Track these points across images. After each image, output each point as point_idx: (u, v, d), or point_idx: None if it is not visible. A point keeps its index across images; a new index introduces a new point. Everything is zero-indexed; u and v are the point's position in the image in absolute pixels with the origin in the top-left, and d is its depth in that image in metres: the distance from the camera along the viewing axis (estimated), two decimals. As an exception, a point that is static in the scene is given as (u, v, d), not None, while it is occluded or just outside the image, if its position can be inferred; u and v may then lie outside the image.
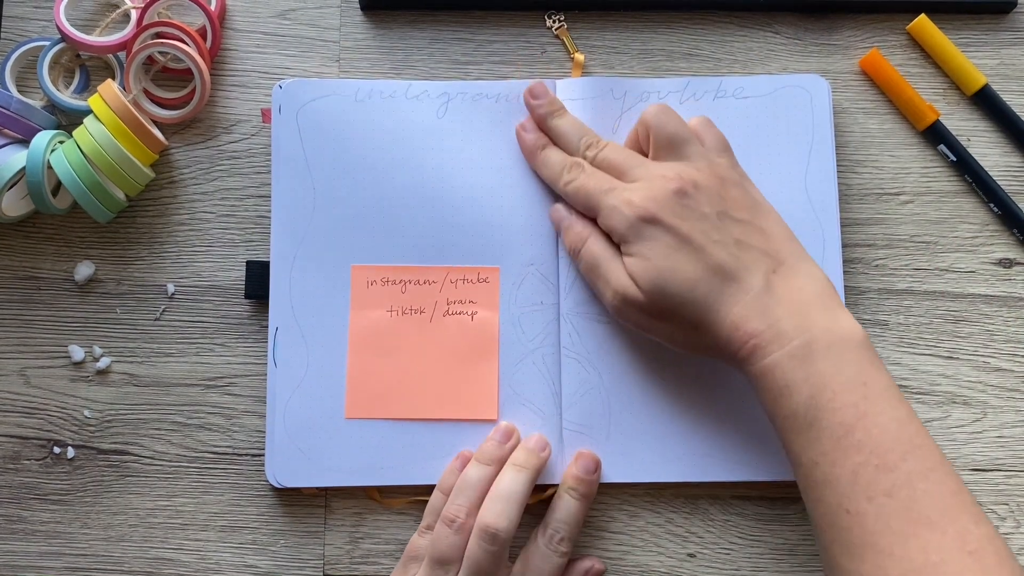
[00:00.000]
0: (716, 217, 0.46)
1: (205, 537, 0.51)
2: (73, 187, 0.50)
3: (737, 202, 0.47)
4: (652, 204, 0.45)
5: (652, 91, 0.53)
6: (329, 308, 0.51)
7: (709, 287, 0.44)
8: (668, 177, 0.46)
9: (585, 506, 0.48)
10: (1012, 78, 0.55)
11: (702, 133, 0.49)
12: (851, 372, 0.42)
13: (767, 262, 0.45)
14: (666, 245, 0.45)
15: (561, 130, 0.51)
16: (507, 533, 0.45)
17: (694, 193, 0.46)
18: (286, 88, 0.53)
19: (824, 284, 0.45)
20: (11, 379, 0.53)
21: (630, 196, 0.46)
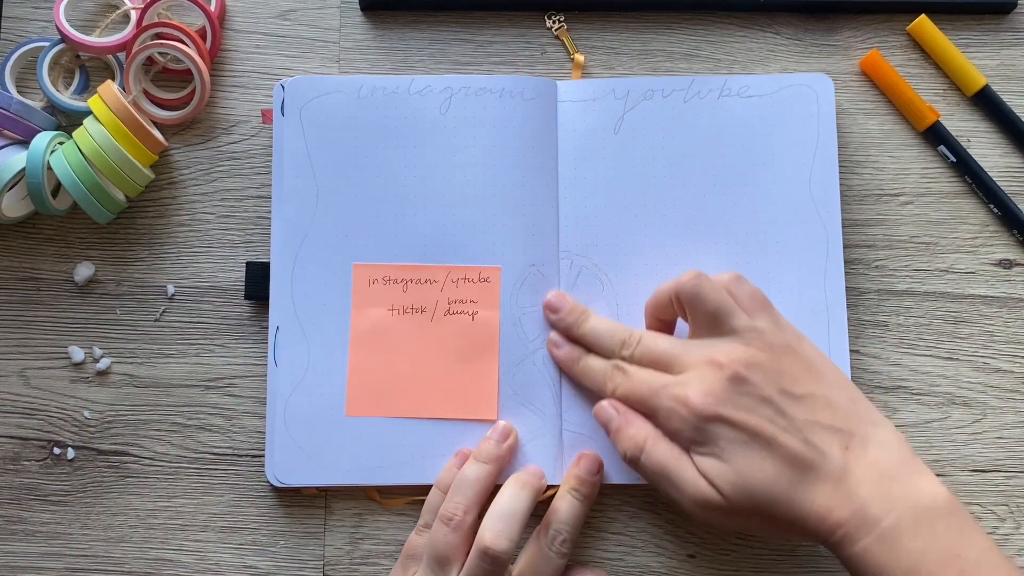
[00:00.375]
0: (778, 398, 0.43)
1: (205, 538, 0.51)
2: (73, 188, 0.50)
3: (794, 374, 0.44)
4: (711, 400, 0.43)
5: (656, 89, 0.53)
6: (330, 306, 0.51)
7: (788, 481, 0.43)
8: (719, 363, 0.44)
9: (587, 507, 0.48)
10: (1012, 79, 0.55)
11: (736, 293, 0.46)
12: (942, 546, 0.41)
13: (839, 439, 0.43)
14: (735, 442, 0.43)
15: (592, 336, 0.49)
16: (507, 554, 0.45)
17: (750, 376, 0.44)
18: (289, 86, 0.53)
19: (898, 447, 0.44)
20: (11, 380, 0.53)
21: (685, 394, 0.44)
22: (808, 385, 0.44)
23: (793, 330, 0.46)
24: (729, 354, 0.44)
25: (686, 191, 0.52)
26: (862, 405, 0.45)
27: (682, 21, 0.56)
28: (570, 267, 0.52)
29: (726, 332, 0.45)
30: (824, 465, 0.43)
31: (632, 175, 0.52)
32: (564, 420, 0.51)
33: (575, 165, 0.53)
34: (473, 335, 0.51)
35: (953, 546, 0.41)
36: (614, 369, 0.48)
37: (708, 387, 0.44)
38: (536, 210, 0.52)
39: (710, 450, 0.44)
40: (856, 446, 0.43)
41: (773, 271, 0.52)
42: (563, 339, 0.51)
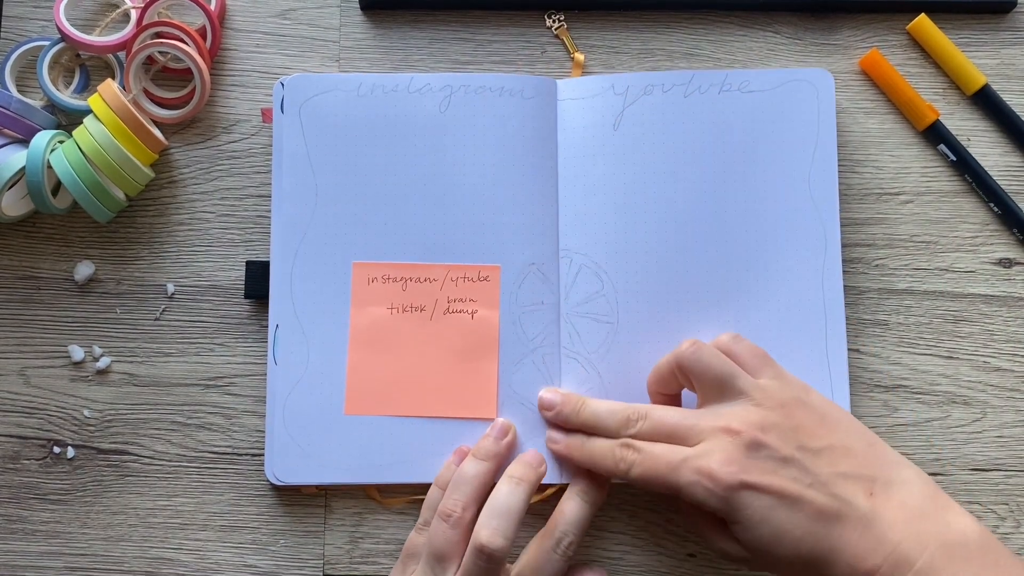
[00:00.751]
0: (799, 456, 0.43)
1: (205, 537, 0.51)
2: (73, 187, 0.50)
3: (809, 429, 0.44)
4: (733, 469, 0.43)
5: (656, 84, 0.53)
6: (330, 305, 0.51)
7: (816, 538, 0.42)
8: (735, 431, 0.44)
9: (594, 511, 0.48)
10: (1012, 78, 0.55)
11: (737, 353, 0.47)
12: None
13: (863, 486, 0.43)
14: (763, 508, 0.43)
15: (593, 420, 0.48)
16: (503, 551, 0.45)
17: (767, 440, 0.43)
18: (288, 84, 0.53)
19: (922, 485, 0.44)
20: (11, 379, 0.53)
21: (707, 466, 0.43)
22: (825, 437, 0.44)
23: (798, 383, 0.47)
24: (743, 419, 0.44)
25: (685, 187, 0.52)
26: (879, 448, 0.45)
27: (682, 20, 0.56)
28: (569, 265, 0.52)
29: (734, 396, 0.45)
30: (852, 514, 0.42)
31: (632, 172, 0.52)
32: (564, 419, 0.51)
33: (575, 163, 0.53)
34: (472, 334, 0.51)
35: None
36: (623, 448, 0.46)
37: (728, 456, 0.43)
38: (535, 208, 0.52)
39: (737, 517, 0.43)
40: (880, 490, 0.43)
41: (771, 269, 0.52)
42: (560, 433, 0.50)
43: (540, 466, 0.49)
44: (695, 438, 0.45)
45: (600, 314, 0.51)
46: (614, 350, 0.51)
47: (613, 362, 0.51)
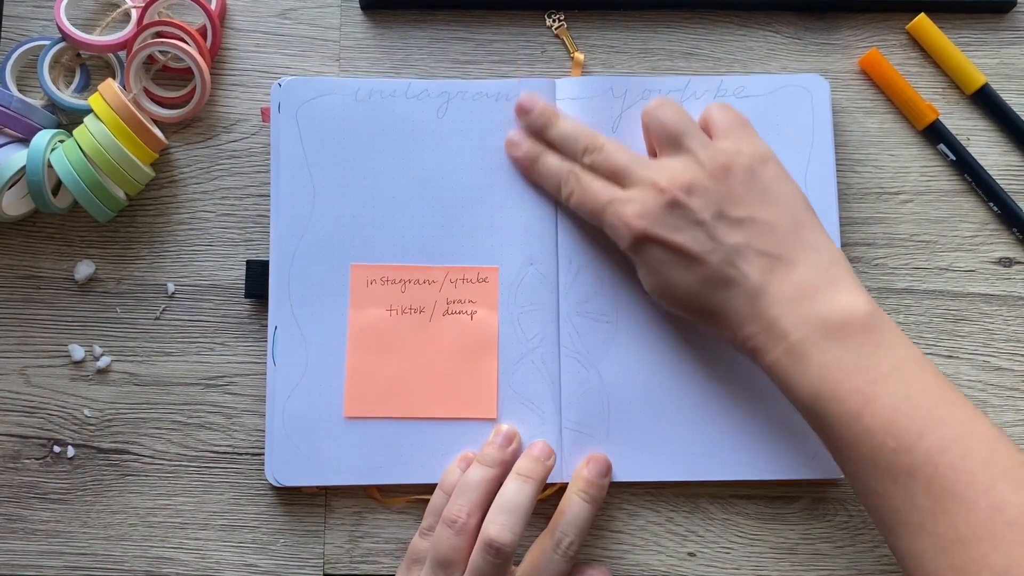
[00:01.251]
0: (711, 222, 0.45)
1: (205, 536, 0.51)
2: (73, 186, 0.50)
3: (738, 196, 0.46)
4: (644, 221, 0.46)
5: (652, 89, 0.53)
6: (328, 307, 0.51)
7: (707, 297, 0.46)
8: (660, 187, 0.46)
9: (595, 510, 0.48)
10: (1011, 77, 0.55)
11: (713, 119, 0.48)
12: (851, 359, 0.42)
13: (764, 262, 0.45)
14: (660, 261, 0.46)
15: (559, 139, 0.50)
16: (511, 547, 0.45)
17: (687, 201, 0.45)
18: (285, 86, 0.53)
19: (828, 267, 0.45)
20: (11, 378, 0.53)
21: (624, 212, 0.47)
22: (751, 209, 0.46)
23: (761, 154, 0.47)
24: (673, 178, 0.46)
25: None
26: (805, 231, 0.46)
27: (682, 20, 0.56)
28: (568, 266, 0.52)
29: (681, 152, 0.47)
30: (742, 284, 0.45)
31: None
32: (564, 418, 0.51)
33: (575, 163, 0.53)
34: (472, 335, 0.51)
35: (863, 359, 0.42)
36: (570, 174, 0.49)
37: (645, 208, 0.46)
38: (533, 209, 0.52)
39: (639, 262, 0.48)
40: (781, 269, 0.45)
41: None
42: (523, 136, 0.52)
43: (548, 459, 0.49)
44: (630, 183, 0.47)
45: (599, 314, 0.51)
46: (614, 350, 0.51)
47: (613, 362, 0.51)
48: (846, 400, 0.42)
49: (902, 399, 0.41)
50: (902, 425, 0.40)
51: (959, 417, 0.40)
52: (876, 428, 0.41)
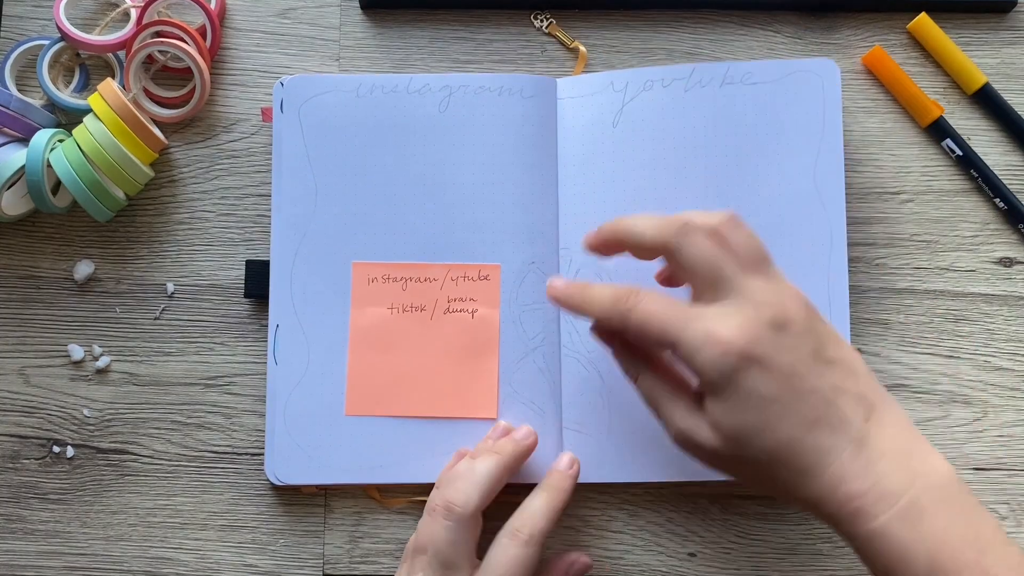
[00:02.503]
0: (811, 357, 0.40)
1: (205, 536, 0.51)
2: (73, 186, 0.50)
3: (826, 337, 0.41)
4: (747, 336, 0.39)
5: (656, 79, 0.53)
6: (329, 305, 0.51)
7: (803, 444, 0.39)
8: (763, 303, 0.40)
9: (551, 499, 0.46)
10: (1012, 77, 0.55)
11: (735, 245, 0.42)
12: (962, 524, 0.39)
13: (862, 409, 0.40)
14: (761, 396, 0.39)
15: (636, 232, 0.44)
16: (464, 508, 0.44)
17: (789, 326, 0.40)
18: (288, 84, 0.53)
19: (910, 424, 0.41)
20: (10, 378, 0.53)
21: (719, 328, 0.39)
22: (837, 351, 0.41)
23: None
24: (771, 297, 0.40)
25: (687, 184, 0.52)
26: (875, 378, 0.42)
27: (683, 19, 0.56)
28: (570, 264, 0.52)
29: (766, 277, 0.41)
30: (847, 432, 0.39)
31: (632, 169, 0.52)
32: (564, 418, 0.51)
33: (574, 162, 0.53)
34: (473, 333, 0.51)
35: (972, 524, 0.39)
36: (627, 291, 0.42)
37: (748, 323, 0.39)
38: (536, 207, 0.52)
39: (728, 396, 0.39)
40: (877, 419, 0.40)
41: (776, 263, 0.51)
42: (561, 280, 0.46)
43: (526, 439, 0.48)
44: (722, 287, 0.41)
45: None
46: (614, 349, 0.51)
47: (613, 362, 0.51)
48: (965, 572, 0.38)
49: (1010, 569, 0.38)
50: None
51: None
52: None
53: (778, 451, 0.39)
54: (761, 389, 0.39)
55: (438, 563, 0.44)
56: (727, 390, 0.39)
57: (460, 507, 0.44)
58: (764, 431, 0.39)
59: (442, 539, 0.44)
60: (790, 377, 0.39)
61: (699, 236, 0.41)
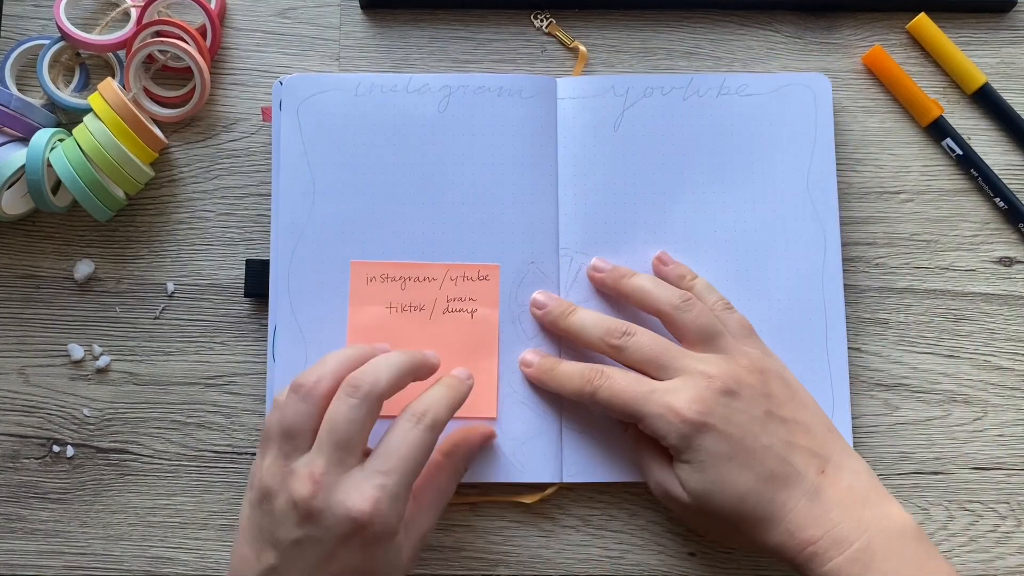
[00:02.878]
0: (763, 418, 0.45)
1: (204, 536, 0.51)
2: (73, 185, 0.50)
3: (780, 398, 0.46)
4: (700, 408, 0.44)
5: (655, 87, 0.53)
6: (328, 304, 0.51)
7: (760, 497, 0.44)
8: (711, 375, 0.45)
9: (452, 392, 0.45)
10: (1012, 77, 0.55)
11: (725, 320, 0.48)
12: (912, 570, 0.42)
13: (816, 462, 0.45)
14: (718, 455, 0.44)
15: (578, 326, 0.49)
16: (371, 387, 0.41)
17: (740, 392, 0.45)
18: (287, 83, 0.53)
19: (868, 476, 0.45)
20: (10, 378, 0.53)
21: (674, 402, 0.44)
22: (792, 411, 0.46)
23: (779, 360, 0.48)
24: (722, 369, 0.45)
25: (685, 188, 0.52)
26: (835, 435, 0.47)
27: (682, 19, 0.56)
28: (569, 264, 0.52)
29: (718, 351, 0.47)
30: (801, 484, 0.44)
31: (631, 172, 0.52)
32: (563, 418, 0.51)
33: (574, 162, 0.53)
34: (472, 333, 0.51)
35: (922, 570, 0.42)
36: (593, 370, 0.47)
37: (699, 395, 0.44)
38: (535, 207, 0.52)
39: (690, 457, 0.44)
40: (831, 471, 0.45)
41: (771, 269, 0.52)
42: (534, 356, 0.50)
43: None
44: (670, 372, 0.46)
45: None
46: (614, 349, 0.51)
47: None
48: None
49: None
50: None
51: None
52: None
53: (738, 504, 0.44)
54: (717, 450, 0.44)
55: (332, 443, 0.41)
56: (687, 453, 0.44)
57: (368, 387, 0.41)
58: (724, 487, 0.44)
59: (343, 418, 0.41)
60: (743, 438, 0.44)
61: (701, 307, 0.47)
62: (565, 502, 0.51)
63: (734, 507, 0.44)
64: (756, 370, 0.46)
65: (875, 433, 0.52)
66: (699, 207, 0.52)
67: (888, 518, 0.44)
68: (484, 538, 0.51)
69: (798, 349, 0.51)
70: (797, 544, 0.43)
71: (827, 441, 0.46)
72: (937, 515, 0.51)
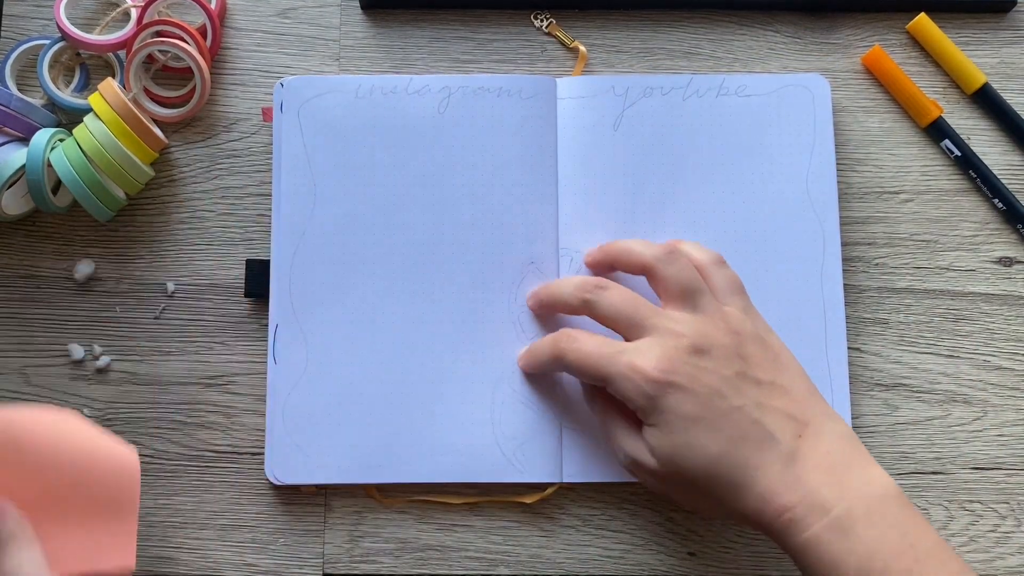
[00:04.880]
0: (735, 379, 0.43)
1: (205, 536, 0.51)
2: (73, 185, 0.50)
3: (756, 360, 0.44)
4: (666, 367, 0.42)
5: (655, 87, 0.53)
6: (328, 304, 0.51)
7: (733, 460, 0.42)
8: (680, 334, 0.43)
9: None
10: (1012, 77, 0.55)
11: (712, 275, 0.46)
12: (896, 535, 0.40)
13: (792, 426, 0.43)
14: (684, 416, 0.42)
15: (555, 289, 0.49)
16: None
17: (711, 351, 0.43)
18: (288, 85, 0.53)
19: (850, 440, 0.43)
20: (11, 378, 0.53)
21: (640, 362, 0.43)
22: (769, 373, 0.44)
23: (763, 322, 0.46)
24: (695, 328, 0.44)
25: (685, 189, 0.52)
26: (817, 398, 0.45)
27: (682, 19, 0.56)
28: (569, 264, 0.52)
29: (693, 311, 0.45)
30: (775, 448, 0.42)
31: (631, 172, 0.53)
32: (563, 418, 0.51)
33: (574, 162, 0.53)
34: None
35: (907, 536, 0.40)
36: (561, 335, 0.46)
37: (666, 355, 0.43)
38: (535, 207, 0.52)
39: (657, 420, 0.43)
40: (810, 435, 0.43)
41: (770, 269, 0.52)
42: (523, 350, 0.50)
43: None
44: (642, 329, 0.44)
45: None
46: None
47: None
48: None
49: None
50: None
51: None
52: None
53: (709, 468, 0.42)
54: (683, 411, 0.42)
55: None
56: (654, 415, 0.43)
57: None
58: (693, 450, 0.42)
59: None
60: (711, 397, 0.42)
61: (685, 261, 0.45)
62: (565, 502, 0.51)
63: (704, 471, 0.42)
64: (732, 331, 0.44)
65: (875, 433, 0.52)
66: (699, 207, 0.52)
67: (869, 482, 0.41)
68: (484, 538, 0.51)
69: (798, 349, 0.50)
70: (773, 511, 0.41)
71: (807, 404, 0.44)
72: (937, 515, 0.51)
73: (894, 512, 0.41)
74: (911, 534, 0.40)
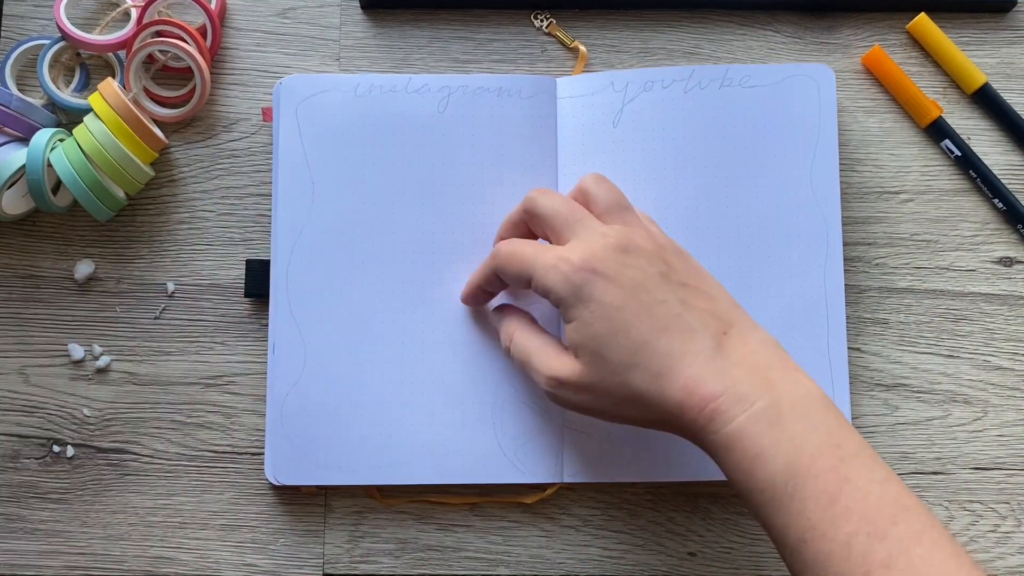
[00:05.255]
0: (659, 277, 0.42)
1: (205, 536, 0.51)
2: (73, 185, 0.50)
3: (679, 267, 0.44)
4: (591, 257, 0.42)
5: (656, 80, 0.53)
6: (327, 304, 0.51)
7: (657, 348, 0.41)
8: (607, 234, 0.43)
9: None
10: (1012, 77, 0.55)
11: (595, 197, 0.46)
12: (823, 433, 0.39)
13: (716, 323, 0.42)
14: (609, 305, 0.41)
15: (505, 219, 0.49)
16: None
17: (636, 250, 0.43)
18: (287, 84, 0.53)
19: (777, 347, 0.42)
20: (11, 378, 0.53)
21: (567, 254, 0.43)
22: (693, 279, 0.43)
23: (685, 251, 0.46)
24: (620, 232, 0.43)
25: (686, 184, 0.52)
26: (741, 309, 0.44)
27: (682, 19, 0.56)
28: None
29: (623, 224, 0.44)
30: (697, 340, 0.41)
31: (631, 169, 0.52)
32: (565, 418, 0.51)
33: (574, 161, 0.53)
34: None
35: (833, 435, 0.39)
36: (497, 245, 0.47)
37: (592, 249, 0.42)
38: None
39: (578, 312, 0.42)
40: (735, 335, 0.42)
41: (772, 266, 0.52)
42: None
43: None
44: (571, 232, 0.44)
45: None
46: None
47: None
48: (822, 477, 0.38)
49: (872, 482, 0.38)
50: (876, 510, 0.37)
51: (921, 507, 0.38)
52: (852, 511, 0.37)
53: (631, 355, 0.41)
54: (607, 298, 0.41)
55: None
56: (577, 306, 0.42)
57: None
58: (616, 336, 0.41)
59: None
60: (635, 289, 0.42)
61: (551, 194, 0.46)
62: (565, 502, 0.51)
63: (627, 359, 0.41)
64: (655, 243, 0.44)
65: (875, 433, 0.52)
66: (700, 202, 0.52)
67: (796, 383, 0.40)
68: (484, 538, 0.51)
69: (798, 348, 0.50)
70: (697, 401, 0.40)
71: (731, 310, 0.43)
72: (937, 515, 0.51)
73: (820, 411, 0.40)
74: (837, 434, 0.39)
